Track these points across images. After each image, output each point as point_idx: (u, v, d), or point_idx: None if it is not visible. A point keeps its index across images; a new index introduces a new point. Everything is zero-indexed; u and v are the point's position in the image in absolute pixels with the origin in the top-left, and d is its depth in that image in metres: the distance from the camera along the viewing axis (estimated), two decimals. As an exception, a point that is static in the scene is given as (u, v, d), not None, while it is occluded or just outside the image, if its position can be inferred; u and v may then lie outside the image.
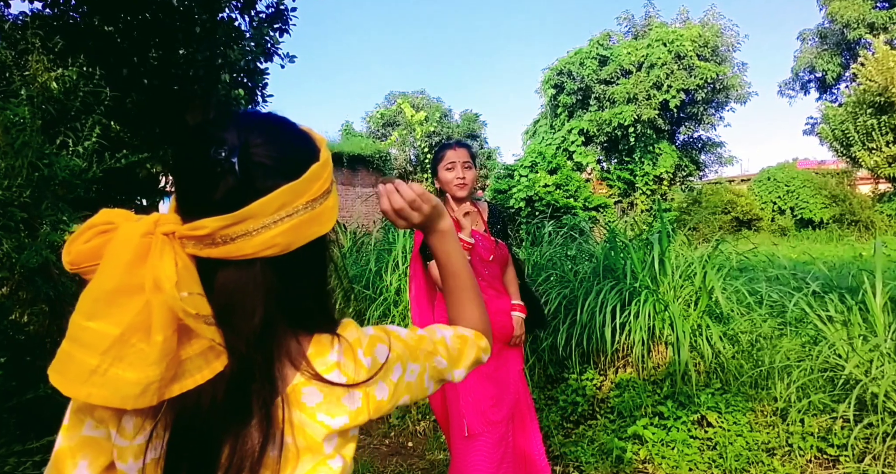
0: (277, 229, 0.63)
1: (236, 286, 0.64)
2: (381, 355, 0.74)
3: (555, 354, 3.63)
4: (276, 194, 0.63)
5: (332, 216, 0.71)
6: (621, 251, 3.81)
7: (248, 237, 0.62)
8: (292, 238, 0.65)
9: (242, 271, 0.64)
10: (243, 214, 0.61)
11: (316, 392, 0.67)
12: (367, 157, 16.53)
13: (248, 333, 0.63)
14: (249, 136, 0.65)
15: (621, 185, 20.66)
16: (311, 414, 0.67)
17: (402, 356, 0.76)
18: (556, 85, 21.31)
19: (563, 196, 13.22)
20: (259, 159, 0.64)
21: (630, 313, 3.25)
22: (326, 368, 0.69)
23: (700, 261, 3.30)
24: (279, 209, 0.63)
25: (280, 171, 0.65)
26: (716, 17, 20.96)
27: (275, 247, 0.64)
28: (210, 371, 0.62)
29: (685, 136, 22.30)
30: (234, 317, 0.63)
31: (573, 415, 3.32)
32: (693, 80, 19.48)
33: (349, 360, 0.70)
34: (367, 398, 0.71)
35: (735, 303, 3.29)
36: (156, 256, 0.60)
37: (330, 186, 0.71)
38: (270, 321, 0.65)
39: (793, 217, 18.63)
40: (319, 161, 0.69)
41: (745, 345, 3.10)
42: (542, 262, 4.36)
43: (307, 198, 0.66)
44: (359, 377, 0.70)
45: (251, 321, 0.64)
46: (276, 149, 0.66)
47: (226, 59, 5.38)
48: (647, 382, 3.24)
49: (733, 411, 2.79)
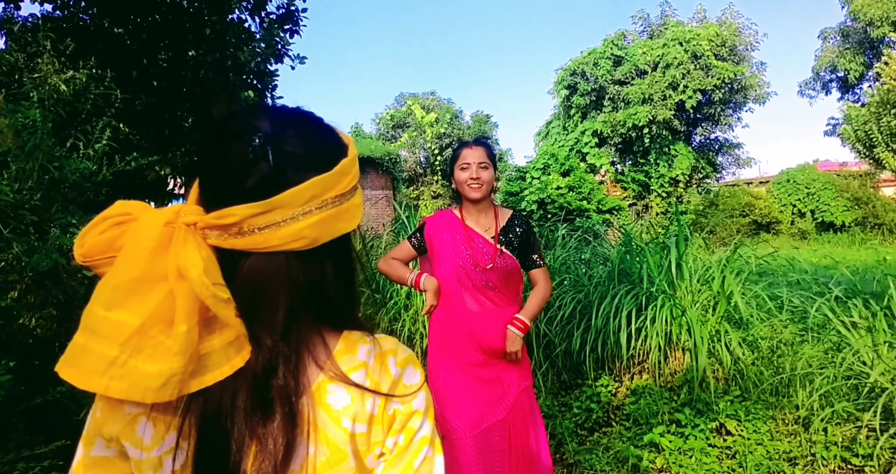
0: (306, 221, 0.63)
1: (263, 277, 0.63)
2: (410, 376, 0.72)
3: (569, 360, 3.61)
4: (308, 185, 0.63)
5: (358, 213, 0.71)
6: (637, 255, 3.79)
7: (275, 227, 0.62)
8: (319, 232, 0.64)
9: (268, 262, 0.63)
10: (274, 203, 0.61)
11: (343, 392, 0.66)
12: (377, 160, 16.60)
13: (272, 326, 0.63)
14: (283, 127, 0.65)
15: (636, 188, 20.53)
16: (335, 418, 0.65)
17: (427, 399, 0.73)
18: (569, 85, 21.25)
19: (576, 198, 13.17)
20: (292, 149, 0.64)
21: (646, 318, 3.22)
22: (353, 367, 0.68)
23: (718, 266, 3.27)
24: (309, 200, 0.63)
25: (312, 163, 0.65)
26: (734, 15, 20.79)
27: (302, 240, 0.63)
28: (230, 367, 0.61)
29: (702, 138, 22.11)
30: (258, 308, 0.63)
31: (588, 422, 3.30)
32: (710, 80, 19.32)
33: (377, 364, 0.69)
34: (384, 407, 0.68)
35: (755, 309, 3.25)
36: (179, 245, 0.60)
37: (357, 183, 0.71)
38: (295, 315, 0.64)
39: (813, 220, 18.40)
40: (349, 156, 0.69)
41: (766, 352, 3.06)
42: (556, 266, 4.34)
43: (336, 191, 0.66)
44: (382, 383, 0.68)
45: (276, 314, 0.63)
46: (307, 141, 0.66)
47: (235, 60, 5.43)
48: (664, 389, 3.21)
49: (753, 419, 2.76)
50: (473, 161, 2.25)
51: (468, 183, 2.24)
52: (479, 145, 2.31)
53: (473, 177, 2.24)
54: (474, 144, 2.31)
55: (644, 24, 22.29)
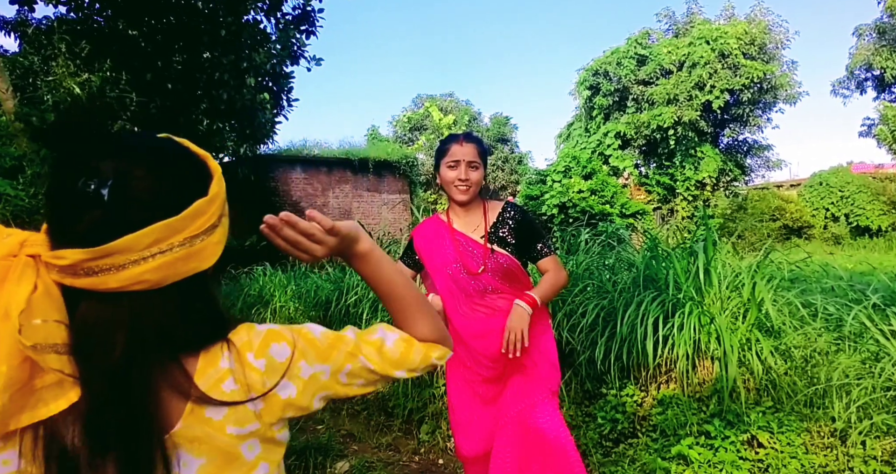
0: (148, 265, 0.62)
1: (95, 320, 0.63)
2: (278, 355, 0.74)
3: (592, 369, 3.58)
4: (149, 230, 0.62)
5: (215, 252, 0.70)
6: (663, 260, 3.75)
7: (113, 272, 0.61)
8: (165, 274, 0.64)
9: (105, 305, 0.63)
10: (108, 249, 0.60)
11: (219, 402, 0.68)
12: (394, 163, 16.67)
13: (105, 367, 0.62)
14: (131, 166, 0.64)
15: (661, 191, 20.37)
16: (219, 428, 0.67)
17: (305, 353, 0.76)
18: (591, 86, 21.19)
19: (598, 202, 13.11)
20: (134, 193, 0.63)
21: (673, 326, 3.19)
22: (219, 378, 0.69)
23: (749, 271, 3.23)
24: (151, 245, 0.62)
25: (158, 206, 0.64)
26: (763, 12, 20.57)
27: (144, 283, 0.63)
28: (65, 400, 0.61)
29: (729, 139, 21.87)
30: (90, 349, 0.62)
31: (612, 433, 3.27)
32: (738, 79, 19.12)
33: (239, 366, 0.71)
34: (271, 399, 0.72)
35: (787, 316, 3.20)
36: (13, 281, 0.59)
37: (217, 221, 0.70)
38: (135, 356, 0.64)
39: (847, 224, 18.09)
40: (206, 196, 0.68)
41: (799, 361, 3.01)
42: (579, 272, 4.31)
43: (186, 234, 0.65)
44: (251, 381, 0.70)
45: (110, 355, 0.63)
46: (156, 181, 0.65)
47: (251, 62, 5.52)
48: (692, 399, 3.16)
49: (787, 431, 2.71)
50: (463, 159, 2.05)
51: (455, 184, 2.06)
52: (470, 141, 2.10)
53: (462, 179, 2.05)
54: (465, 139, 2.09)
55: (669, 22, 22.17)
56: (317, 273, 6.42)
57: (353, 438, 3.86)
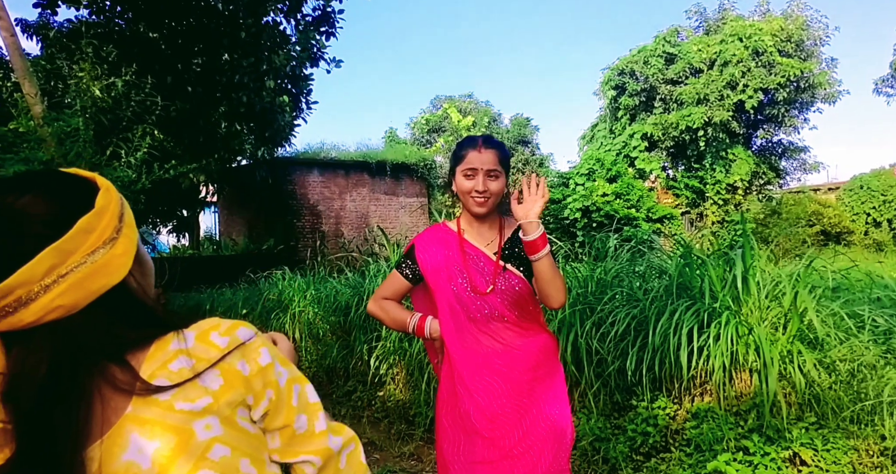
0: (54, 292, 0.63)
1: (25, 358, 0.64)
2: (243, 335, 0.75)
3: (622, 379, 3.55)
4: (40, 258, 0.63)
5: (123, 263, 0.70)
6: (697, 267, 3.70)
7: (23, 307, 0.62)
8: (76, 296, 0.65)
9: (31, 341, 0.64)
10: (7, 287, 0.61)
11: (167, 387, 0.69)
12: (412, 165, 16.75)
13: (31, 396, 0.63)
14: (6, 198, 0.66)
15: (689, 195, 20.11)
16: (167, 407, 0.68)
17: (268, 345, 0.78)
18: (616, 85, 21.04)
19: (623, 206, 12.99)
20: (15, 225, 0.64)
21: (709, 336, 3.14)
22: (166, 360, 0.69)
23: (790, 280, 3.17)
24: (49, 271, 0.63)
25: (42, 232, 0.65)
26: (801, 7, 20.17)
27: (58, 310, 0.64)
28: (2, 456, 0.62)
29: (763, 140, 21.52)
30: (18, 387, 0.63)
31: (643, 447, 3.23)
32: (773, 78, 18.82)
33: (200, 343, 0.72)
34: (229, 374, 0.72)
35: (831, 328, 3.13)
36: None
37: (114, 233, 0.70)
38: (59, 375, 0.65)
39: (890, 230, 17.67)
40: (92, 210, 0.68)
41: (845, 375, 2.94)
42: (608, 279, 4.28)
43: (82, 253, 0.66)
44: (210, 356, 0.71)
45: (33, 382, 0.64)
46: (35, 208, 0.66)
47: (270, 64, 5.59)
48: (729, 413, 3.11)
49: (832, 449, 2.65)
50: (481, 168, 1.85)
51: (472, 195, 1.86)
52: (490, 147, 1.89)
53: (479, 191, 1.85)
54: (484, 146, 1.88)
55: (700, 18, 21.91)
56: (336, 278, 6.46)
57: (375, 447, 3.88)
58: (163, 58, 5.13)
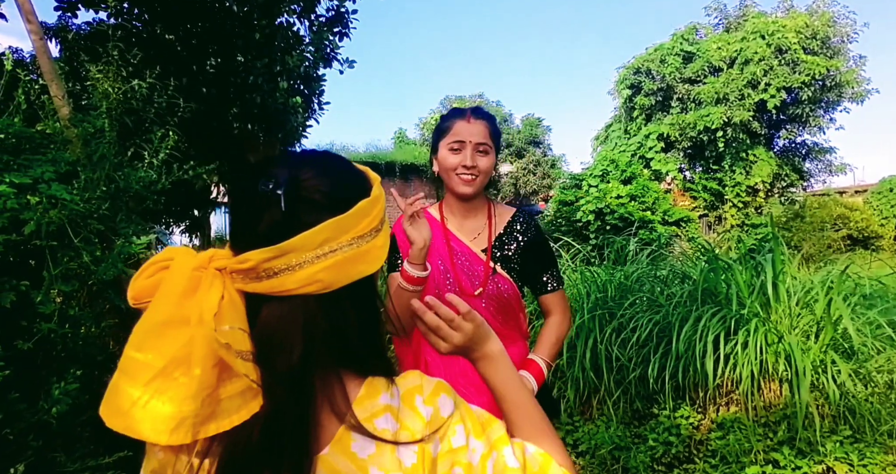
0: (320, 265, 0.67)
1: (276, 322, 0.68)
2: (444, 407, 0.74)
3: (643, 387, 3.54)
4: (320, 228, 0.67)
5: (380, 255, 0.74)
6: (723, 272, 3.69)
7: (289, 272, 0.66)
8: (335, 275, 0.69)
9: (283, 307, 0.68)
10: (286, 247, 0.66)
11: (367, 441, 0.68)
12: (421, 167, 16.81)
13: (285, 371, 0.66)
14: (300, 171, 0.71)
15: (707, 197, 19.97)
16: (361, 467, 0.67)
17: (464, 419, 0.75)
18: (632, 85, 20.96)
19: (638, 208, 12.88)
20: (306, 193, 0.69)
21: (737, 343, 3.13)
22: (374, 412, 0.70)
23: (823, 286, 3.15)
24: (322, 244, 0.67)
25: (327, 206, 0.70)
26: (827, 3, 19.94)
27: (317, 284, 0.67)
28: (247, 411, 0.65)
29: (786, 141, 21.30)
30: (272, 353, 0.67)
31: (665, 457, 3.22)
32: (797, 76, 18.63)
33: (406, 407, 0.72)
34: (423, 454, 0.70)
35: (868, 337, 3.11)
36: (204, 289, 0.66)
37: (379, 225, 0.74)
38: (310, 360, 0.68)
39: (922, 235, 17.44)
40: (369, 197, 0.73)
41: (882, 387, 2.92)
42: (628, 284, 4.27)
43: (353, 234, 0.70)
44: (414, 427, 0.70)
45: (289, 358, 0.67)
46: (324, 183, 0.71)
47: (284, 65, 5.64)
48: (757, 424, 3.10)
49: (869, 464, 2.62)
50: (469, 140, 1.67)
51: (458, 171, 1.67)
52: (480, 118, 1.71)
53: (467, 166, 1.66)
54: (473, 116, 1.70)
55: (720, 15, 21.78)
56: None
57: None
58: (178, 59, 5.20)
